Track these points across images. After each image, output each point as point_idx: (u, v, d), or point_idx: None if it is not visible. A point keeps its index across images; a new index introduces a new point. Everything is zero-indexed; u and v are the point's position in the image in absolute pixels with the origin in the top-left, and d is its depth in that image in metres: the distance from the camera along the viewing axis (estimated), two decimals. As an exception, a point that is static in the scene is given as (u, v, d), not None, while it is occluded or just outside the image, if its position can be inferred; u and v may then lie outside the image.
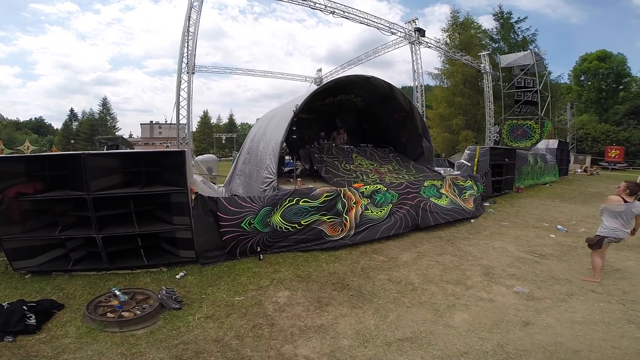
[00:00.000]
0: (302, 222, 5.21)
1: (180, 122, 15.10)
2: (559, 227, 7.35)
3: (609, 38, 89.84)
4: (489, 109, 20.61)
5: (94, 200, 3.97)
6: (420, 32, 17.82)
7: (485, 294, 3.95)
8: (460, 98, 23.10)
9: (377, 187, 6.20)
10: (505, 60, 21.87)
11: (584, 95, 39.26)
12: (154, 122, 64.52)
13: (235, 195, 6.56)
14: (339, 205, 5.54)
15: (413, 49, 18.17)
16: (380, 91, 8.87)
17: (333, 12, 15.28)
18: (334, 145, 9.17)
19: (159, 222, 4.62)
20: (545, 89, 21.35)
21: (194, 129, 47.04)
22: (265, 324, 3.23)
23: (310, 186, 6.24)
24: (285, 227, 5.10)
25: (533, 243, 6.13)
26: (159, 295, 3.50)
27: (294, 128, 6.50)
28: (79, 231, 4.33)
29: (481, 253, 5.42)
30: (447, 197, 7.34)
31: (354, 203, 5.72)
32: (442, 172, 9.74)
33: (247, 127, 62.15)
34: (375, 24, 17.01)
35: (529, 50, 22.11)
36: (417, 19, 17.88)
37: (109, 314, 3.15)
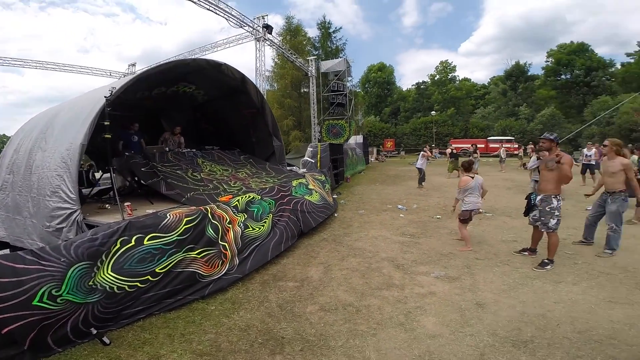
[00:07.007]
0: (157, 271, 3.22)
1: None
2: (399, 206, 8.36)
3: (384, 52, 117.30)
4: (313, 110, 22.53)
5: None
6: (269, 29, 16.89)
7: (420, 289, 3.68)
8: (289, 100, 24.16)
9: (250, 196, 4.85)
10: (325, 66, 24.64)
11: (367, 100, 50.92)
12: None
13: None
14: (210, 230, 3.86)
15: (258, 45, 17.11)
16: (231, 83, 7.40)
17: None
18: (167, 150, 6.94)
19: None
20: (350, 94, 25.63)
21: None
22: None
23: (151, 211, 4.16)
24: (129, 286, 2.99)
25: (396, 225, 6.54)
26: None
27: (107, 123, 4.16)
28: None
29: (373, 246, 5.19)
30: (316, 191, 6.88)
31: (228, 223, 4.16)
32: (295, 170, 9.38)
33: (6, 140, 42.37)
34: (226, 13, 14.90)
35: (342, 58, 25.88)
36: (267, 15, 16.94)
37: None
